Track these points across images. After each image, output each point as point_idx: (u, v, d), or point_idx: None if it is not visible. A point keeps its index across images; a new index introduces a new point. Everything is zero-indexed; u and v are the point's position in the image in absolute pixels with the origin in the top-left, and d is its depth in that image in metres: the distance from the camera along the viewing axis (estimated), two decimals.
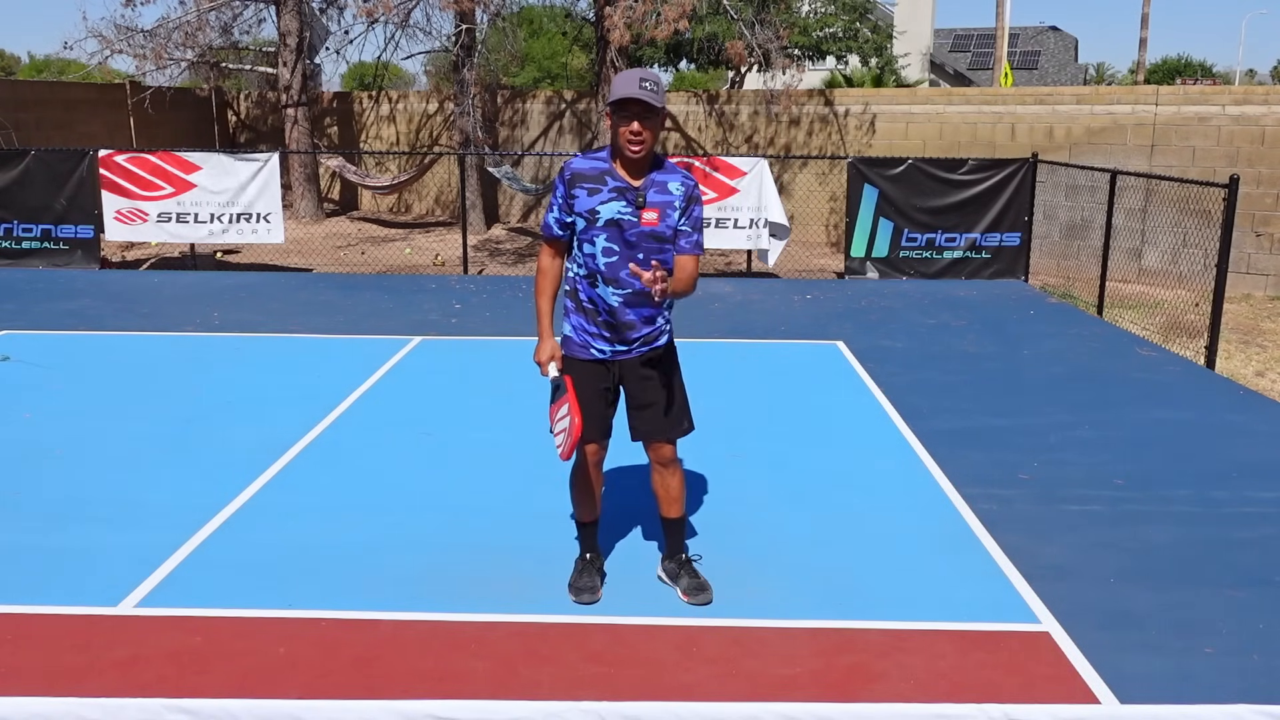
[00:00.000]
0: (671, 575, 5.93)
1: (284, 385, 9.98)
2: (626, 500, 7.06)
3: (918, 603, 5.79)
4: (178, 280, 15.78)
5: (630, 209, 5.23)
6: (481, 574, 6.07)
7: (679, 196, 5.30)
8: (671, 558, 5.94)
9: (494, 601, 5.73)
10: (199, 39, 23.34)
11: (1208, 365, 11.44)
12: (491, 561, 6.24)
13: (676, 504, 5.81)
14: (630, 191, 5.24)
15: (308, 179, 24.14)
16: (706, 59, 31.99)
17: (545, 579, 5.99)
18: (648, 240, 5.28)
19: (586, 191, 5.25)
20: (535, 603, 5.71)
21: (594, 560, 5.96)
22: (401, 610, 5.63)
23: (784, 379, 10.40)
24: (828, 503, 7.23)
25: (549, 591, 5.85)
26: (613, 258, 5.29)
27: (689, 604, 5.72)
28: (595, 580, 5.86)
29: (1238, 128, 18.41)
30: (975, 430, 8.86)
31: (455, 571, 6.11)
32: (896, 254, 16.60)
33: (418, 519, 6.88)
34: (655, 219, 5.26)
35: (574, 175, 5.27)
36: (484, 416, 9.11)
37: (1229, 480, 7.70)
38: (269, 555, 6.32)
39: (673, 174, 5.34)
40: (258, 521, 6.83)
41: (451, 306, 13.97)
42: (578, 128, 24.18)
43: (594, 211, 5.25)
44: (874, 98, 22.11)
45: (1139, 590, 5.95)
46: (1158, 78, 70.72)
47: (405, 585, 5.93)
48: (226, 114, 27.95)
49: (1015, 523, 6.87)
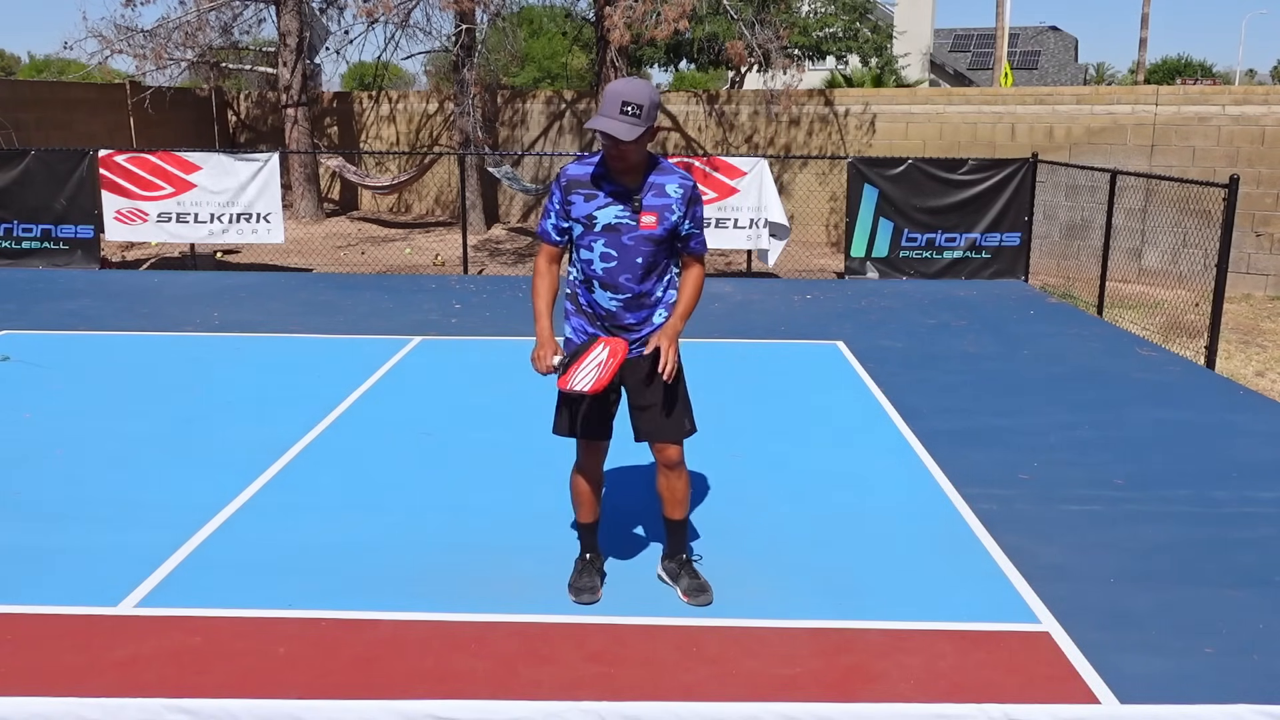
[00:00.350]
0: (672, 575, 5.92)
1: (284, 385, 9.98)
2: (626, 500, 7.07)
3: (917, 603, 5.78)
4: (178, 280, 15.78)
5: (628, 213, 5.22)
6: (481, 574, 6.07)
7: (677, 199, 5.27)
8: (672, 558, 5.93)
9: (494, 601, 5.73)
10: (199, 39, 23.34)
11: (1208, 365, 11.44)
12: (491, 561, 6.24)
13: (680, 506, 5.79)
14: (627, 196, 5.23)
15: (308, 179, 24.14)
16: (706, 59, 32.00)
17: (545, 579, 5.99)
18: (645, 244, 5.26)
19: (583, 197, 5.24)
20: (535, 603, 5.71)
21: (594, 560, 5.95)
22: (401, 610, 5.62)
23: (784, 379, 10.40)
24: (827, 503, 7.23)
25: (549, 591, 5.84)
26: (611, 263, 5.28)
27: (689, 604, 5.73)
28: (595, 580, 5.86)
29: (1238, 128, 18.41)
30: (975, 430, 8.86)
31: (455, 571, 6.11)
32: (896, 254, 16.60)
33: (417, 519, 6.88)
34: (654, 222, 5.23)
35: (570, 181, 5.26)
36: (484, 417, 9.11)
37: (1229, 480, 7.70)
38: (269, 555, 6.32)
39: (669, 175, 5.30)
40: (258, 521, 6.83)
41: (451, 306, 13.97)
42: (578, 128, 24.17)
43: (591, 217, 5.24)
44: (874, 98, 22.11)
45: (1139, 590, 5.94)
46: (1158, 78, 70.75)
47: (405, 585, 5.93)
48: (226, 114, 27.94)
49: (1015, 523, 6.87)
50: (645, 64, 34.92)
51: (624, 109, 4.95)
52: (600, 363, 5.20)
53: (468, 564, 6.20)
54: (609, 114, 4.97)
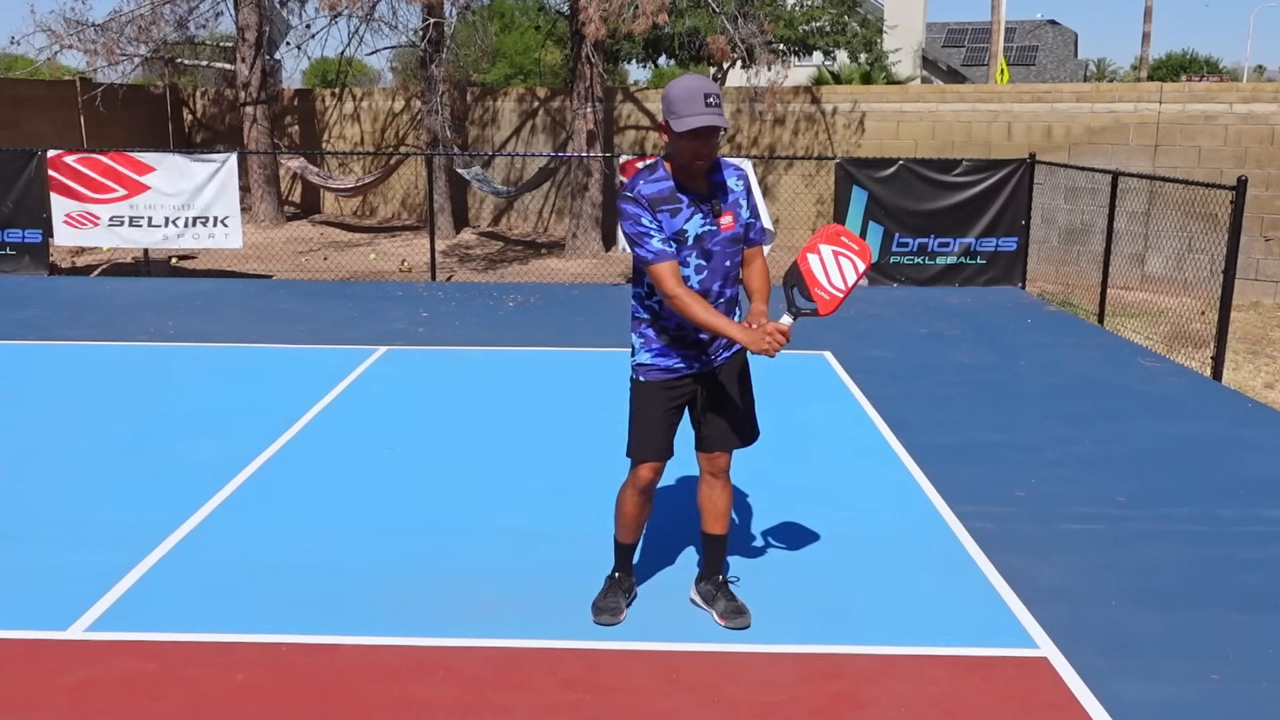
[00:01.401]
0: (707, 598, 5.93)
1: (243, 398, 9.97)
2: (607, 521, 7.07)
3: (908, 626, 5.79)
4: (131, 287, 15.74)
5: (709, 219, 5.27)
6: (450, 596, 6.07)
7: (741, 192, 5.40)
8: (709, 579, 5.95)
9: (463, 625, 5.72)
10: (153, 33, 23.34)
11: (1214, 376, 11.48)
12: (461, 583, 6.23)
13: (722, 519, 5.82)
14: (704, 202, 5.27)
15: (267, 181, 24.12)
16: (687, 54, 31.99)
17: (518, 601, 5.99)
18: (729, 246, 5.34)
19: (669, 213, 5.23)
20: (507, 626, 5.70)
21: (623, 580, 5.96)
22: (366, 634, 5.61)
23: (769, 391, 10.35)
24: (813, 521, 7.23)
25: (522, 614, 5.84)
26: (702, 274, 5.32)
27: (726, 628, 5.73)
28: (620, 601, 5.86)
29: (1246, 127, 18.51)
30: (969, 445, 8.88)
31: (423, 593, 6.10)
32: (887, 260, 16.62)
33: (383, 538, 6.87)
34: (731, 222, 5.32)
35: (651, 200, 5.23)
36: (452, 431, 9.11)
37: (1236, 498, 7.73)
38: (226, 576, 6.30)
39: (728, 170, 5.42)
40: (215, 540, 6.81)
41: (418, 315, 13.97)
42: (551, 127, 24.20)
43: (682, 232, 5.25)
44: (863, 95, 22.19)
45: (1141, 613, 5.96)
46: (1162, 74, 71.01)
47: (370, 607, 5.91)
48: (182, 112, 27.89)
49: (1011, 542, 6.89)
50: (622, 60, 34.94)
51: (708, 101, 5.00)
52: (835, 251, 5.16)
53: (436, 585, 6.20)
54: (697, 111, 4.99)
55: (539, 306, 14.75)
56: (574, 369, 11.26)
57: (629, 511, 5.76)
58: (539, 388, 10.48)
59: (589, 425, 9.16)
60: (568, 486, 7.81)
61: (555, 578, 6.27)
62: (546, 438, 8.96)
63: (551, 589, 6.13)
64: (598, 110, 20.71)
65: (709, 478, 5.76)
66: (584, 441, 8.77)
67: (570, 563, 6.45)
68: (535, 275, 18.75)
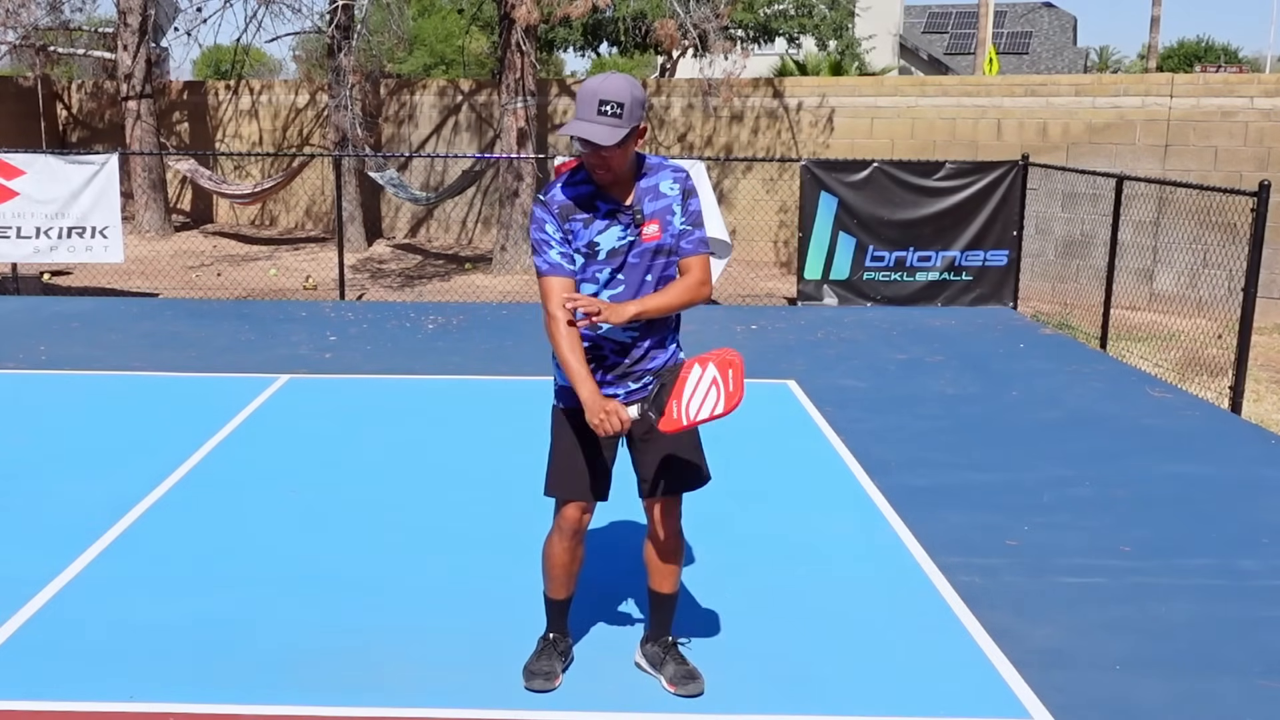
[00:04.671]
0: (654, 661, 5.92)
1: (124, 433, 9.93)
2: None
3: (883, 694, 5.81)
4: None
5: (629, 229, 5.28)
6: (359, 658, 6.06)
7: (675, 196, 5.37)
8: (656, 640, 5.95)
9: (375, 693, 5.71)
10: (22, 18, 23.23)
11: (1233, 409, 11.58)
12: (374, 644, 6.22)
13: (671, 577, 5.83)
14: (624, 211, 5.28)
15: (153, 185, 24.03)
16: (631, 42, 32.17)
17: (439, 665, 5.98)
18: (653, 257, 5.34)
19: (581, 223, 5.27)
20: (427, 694, 5.70)
21: (558, 642, 5.96)
22: (260, 703, 5.59)
23: (725, 425, 10.38)
24: (775, 574, 7.26)
25: (444, 680, 5.83)
26: (618, 289, 5.33)
27: (676, 695, 5.73)
28: (555, 665, 5.85)
29: (1269, 124, 18.63)
30: (953, 487, 8.93)
31: (330, 656, 6.08)
32: (859, 276, 16.69)
33: (283, 593, 6.84)
34: (657, 231, 5.31)
35: (563, 207, 5.26)
36: (363, 470, 9.10)
37: (1258, 548, 7.78)
38: (106, 638, 6.26)
39: (660, 172, 5.40)
40: (92, 598, 6.76)
41: (325, 339, 13.95)
42: (477, 124, 24.20)
43: (593, 244, 5.28)
44: (832, 88, 22.28)
45: (1149, 680, 6.00)
46: (1173, 64, 71.57)
47: (266, 673, 5.89)
48: (55, 107, 27.74)
49: (1001, 599, 6.92)
50: (558, 48, 35.03)
51: (602, 109, 4.99)
52: (715, 379, 5.15)
53: (344, 646, 6.18)
54: (585, 116, 5.02)
55: (462, 329, 14.76)
56: (503, 400, 11.27)
57: (557, 562, 5.74)
58: (462, 422, 10.49)
59: (520, 465, 9.12)
60: (495, 535, 7.81)
61: (481, 639, 6.27)
62: (471, 478, 8.96)
63: (477, 651, 6.13)
64: (530, 105, 20.69)
65: (654, 528, 5.76)
66: (514, 483, 8.71)
67: (498, 622, 6.45)
68: (458, 294, 18.73)
